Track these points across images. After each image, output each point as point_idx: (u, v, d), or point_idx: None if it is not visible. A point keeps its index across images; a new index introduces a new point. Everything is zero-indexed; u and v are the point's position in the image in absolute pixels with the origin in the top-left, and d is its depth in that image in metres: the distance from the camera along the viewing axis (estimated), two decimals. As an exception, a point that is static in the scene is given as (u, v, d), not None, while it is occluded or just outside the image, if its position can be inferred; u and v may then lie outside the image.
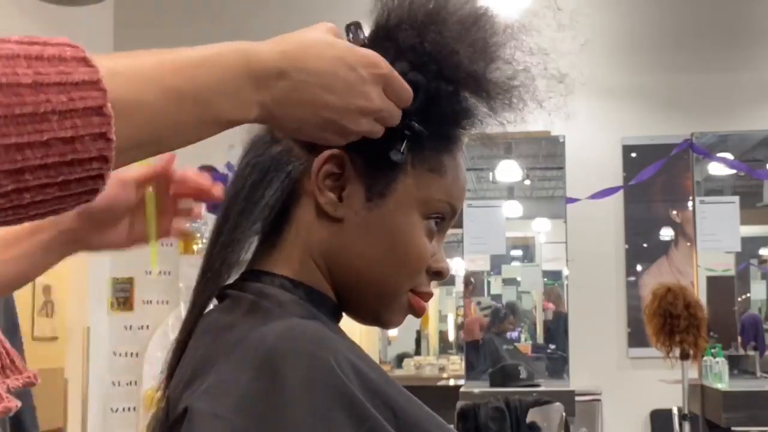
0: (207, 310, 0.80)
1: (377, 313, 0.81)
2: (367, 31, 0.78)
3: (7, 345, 0.66)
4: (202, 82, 0.60)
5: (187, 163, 1.03)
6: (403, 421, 0.69)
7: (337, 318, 0.82)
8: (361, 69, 0.68)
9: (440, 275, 0.82)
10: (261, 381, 0.65)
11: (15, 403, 0.72)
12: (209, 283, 0.78)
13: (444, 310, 6.26)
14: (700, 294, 4.16)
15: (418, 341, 6.29)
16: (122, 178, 0.94)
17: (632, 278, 4.47)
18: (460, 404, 3.07)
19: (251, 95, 0.63)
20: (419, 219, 0.78)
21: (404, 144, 0.75)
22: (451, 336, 6.24)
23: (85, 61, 0.50)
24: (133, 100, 0.54)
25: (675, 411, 3.66)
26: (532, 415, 2.93)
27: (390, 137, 0.74)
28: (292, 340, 0.67)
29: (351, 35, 0.75)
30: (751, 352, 4.25)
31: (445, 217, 0.80)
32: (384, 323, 0.82)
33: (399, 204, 0.77)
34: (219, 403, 0.66)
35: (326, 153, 0.76)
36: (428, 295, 0.82)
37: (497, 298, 4.67)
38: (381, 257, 0.77)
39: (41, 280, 3.28)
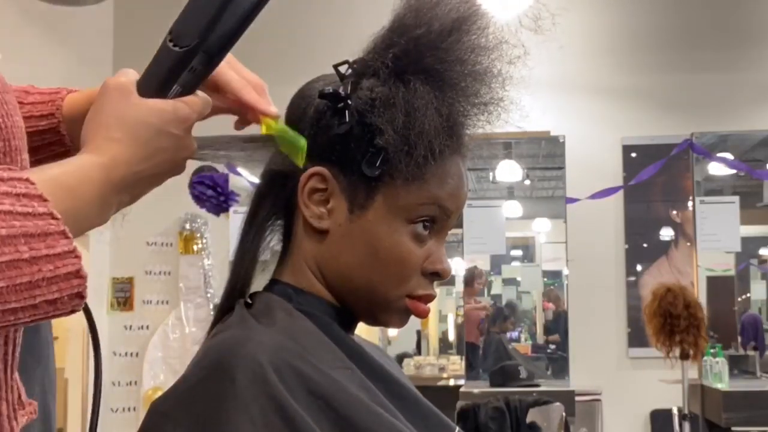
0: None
1: (374, 315, 0.84)
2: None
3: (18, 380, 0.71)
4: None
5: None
6: (347, 422, 0.72)
7: (345, 320, 0.85)
8: (173, 130, 0.73)
9: (439, 276, 0.83)
10: (207, 383, 0.72)
11: None
12: (231, 288, 0.85)
13: (444, 310, 6.25)
14: (700, 294, 4.16)
15: (418, 342, 6.29)
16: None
17: (632, 278, 4.47)
18: (460, 404, 3.07)
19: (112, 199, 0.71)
20: (403, 225, 0.81)
21: (379, 159, 0.79)
22: (452, 336, 6.24)
23: (64, 234, 0.60)
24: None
25: (675, 411, 3.65)
26: (532, 415, 2.93)
27: (366, 153, 0.79)
28: (240, 347, 0.73)
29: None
30: (751, 352, 4.25)
31: (435, 219, 0.82)
32: (383, 324, 0.85)
33: (379, 214, 0.80)
34: (168, 401, 0.73)
35: (310, 170, 0.81)
36: (429, 298, 0.83)
37: (497, 298, 4.67)
38: (365, 265, 0.81)
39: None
